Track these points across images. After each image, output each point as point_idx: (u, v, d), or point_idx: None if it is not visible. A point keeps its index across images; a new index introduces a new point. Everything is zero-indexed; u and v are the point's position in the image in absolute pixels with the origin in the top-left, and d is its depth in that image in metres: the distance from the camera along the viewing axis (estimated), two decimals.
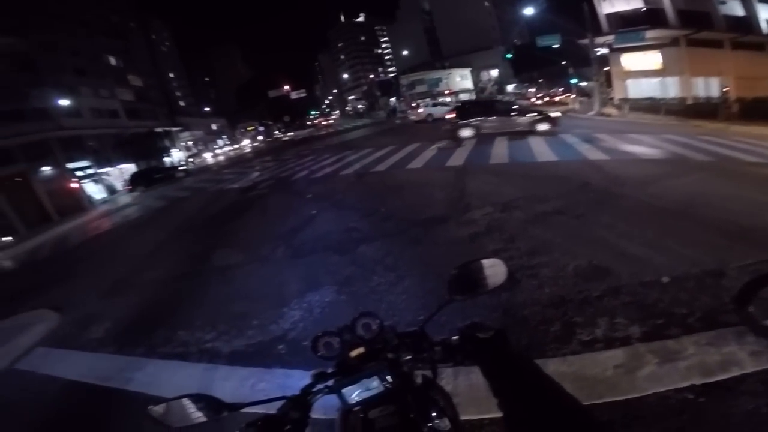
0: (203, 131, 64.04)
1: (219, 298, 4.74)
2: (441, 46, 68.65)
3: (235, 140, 65.43)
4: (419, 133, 19.25)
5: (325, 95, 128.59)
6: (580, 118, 20.39)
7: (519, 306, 3.15)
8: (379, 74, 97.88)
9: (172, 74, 76.15)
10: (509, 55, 46.41)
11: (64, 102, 29.92)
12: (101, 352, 4.07)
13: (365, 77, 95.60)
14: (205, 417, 0.88)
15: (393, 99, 58.05)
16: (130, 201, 22.66)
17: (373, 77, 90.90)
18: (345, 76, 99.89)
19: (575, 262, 3.76)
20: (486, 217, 5.54)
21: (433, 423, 0.93)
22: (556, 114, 14.15)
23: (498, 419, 1.93)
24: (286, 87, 58.49)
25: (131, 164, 37.79)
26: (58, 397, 3.43)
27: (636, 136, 11.52)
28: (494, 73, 58.52)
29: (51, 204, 28.26)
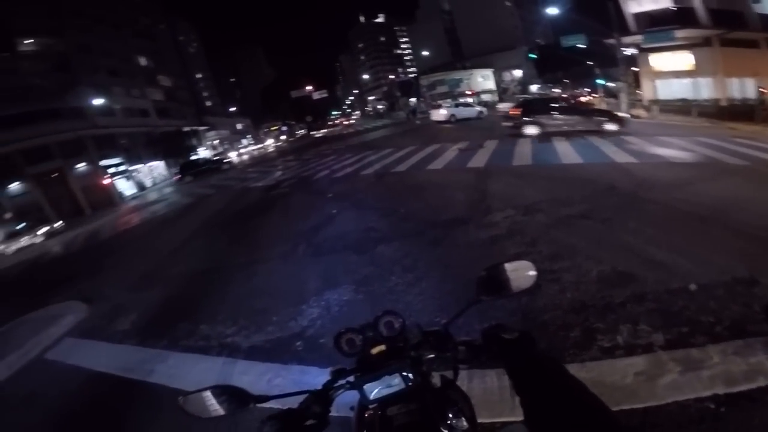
0: (229, 131, 65.54)
1: (241, 293, 4.86)
2: (462, 47, 68.04)
3: (259, 140, 66.73)
4: (440, 135, 19.13)
5: (346, 96, 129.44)
6: None
7: (539, 310, 3.10)
8: (399, 75, 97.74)
9: (200, 74, 78.37)
10: (533, 55, 45.59)
11: (98, 101, 31.22)
12: (126, 344, 4.24)
13: (385, 78, 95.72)
14: (232, 409, 0.90)
15: (413, 99, 57.88)
16: (159, 197, 23.46)
17: (393, 78, 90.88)
18: (365, 77, 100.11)
19: (599, 268, 3.66)
20: (507, 220, 5.46)
21: (451, 423, 0.93)
22: (625, 114, 13.57)
23: (511, 423, 1.93)
24: (309, 87, 59.38)
25: (160, 162, 39.16)
26: (82, 388, 3.59)
27: (666, 139, 11.10)
28: (517, 74, 57.53)
29: (84, 199, 29.63)
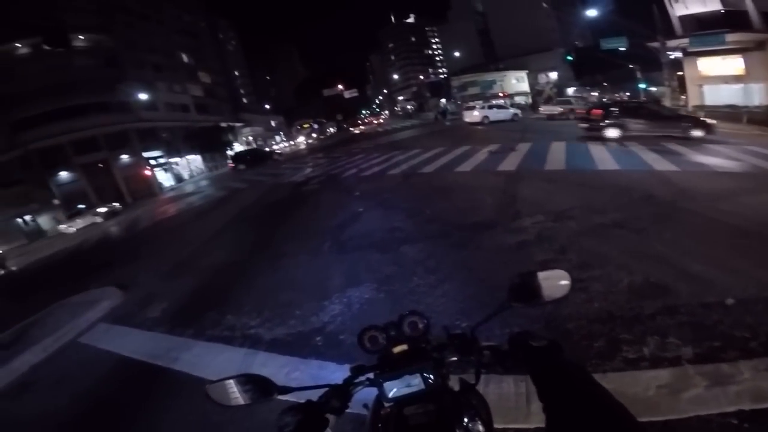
0: (263, 127, 67.19)
1: (267, 286, 5.01)
2: (495, 48, 66.71)
3: (291, 137, 68.18)
4: (472, 136, 18.87)
5: (376, 95, 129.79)
6: None
7: (563, 319, 3.02)
8: (429, 75, 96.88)
9: (237, 72, 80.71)
10: (570, 58, 44.02)
11: (143, 96, 32.86)
12: (155, 331, 4.45)
13: (415, 78, 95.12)
14: (256, 398, 0.92)
15: (443, 100, 57.34)
16: (195, 189, 24.44)
17: (423, 78, 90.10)
18: (395, 77, 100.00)
19: (630, 278, 3.52)
20: (536, 226, 5.32)
21: (468, 427, 0.92)
22: (712, 121, 12.98)
23: (526, 429, 1.90)
24: (340, 86, 60.11)
25: (197, 155, 40.71)
26: (110, 373, 3.82)
27: (711, 146, 10.49)
28: (553, 76, 55.81)
29: (126, 188, 31.35)
